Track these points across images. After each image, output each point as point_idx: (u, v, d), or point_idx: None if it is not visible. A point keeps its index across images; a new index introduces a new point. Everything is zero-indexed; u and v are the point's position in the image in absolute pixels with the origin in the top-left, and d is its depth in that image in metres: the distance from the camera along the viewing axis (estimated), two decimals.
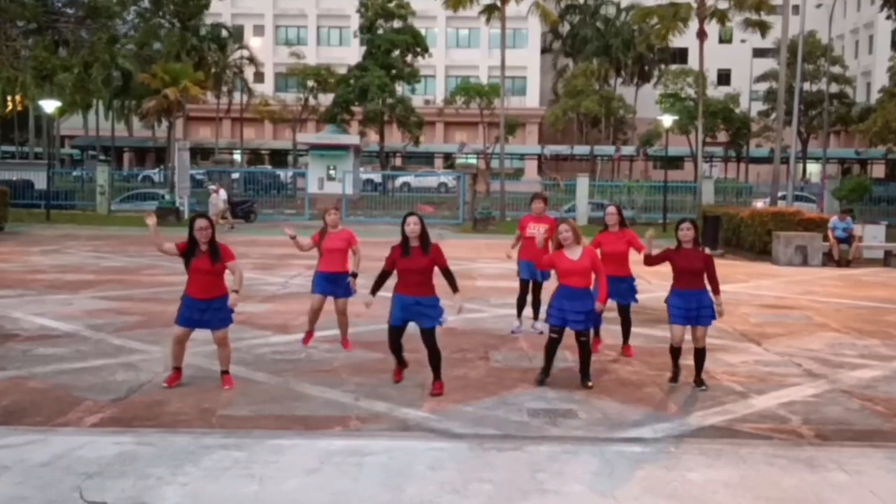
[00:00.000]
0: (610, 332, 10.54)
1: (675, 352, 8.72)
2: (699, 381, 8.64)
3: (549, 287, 9.00)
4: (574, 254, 8.38)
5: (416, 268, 7.98)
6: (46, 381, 8.45)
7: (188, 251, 8.10)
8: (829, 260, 21.57)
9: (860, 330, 12.30)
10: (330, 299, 9.97)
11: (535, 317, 11.37)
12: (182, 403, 7.76)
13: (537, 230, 10.83)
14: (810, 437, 7.23)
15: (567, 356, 9.61)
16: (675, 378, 8.78)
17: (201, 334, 8.60)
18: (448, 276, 8.11)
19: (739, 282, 17.28)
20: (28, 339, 10.44)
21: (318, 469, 6.11)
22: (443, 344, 10.34)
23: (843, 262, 21.47)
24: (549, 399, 8.16)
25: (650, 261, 8.68)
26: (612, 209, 10.08)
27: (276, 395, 8.11)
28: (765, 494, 5.82)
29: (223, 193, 31.96)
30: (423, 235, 8.05)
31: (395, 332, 8.24)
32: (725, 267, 19.49)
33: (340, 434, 7.01)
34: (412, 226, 7.96)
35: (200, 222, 8.10)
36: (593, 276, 8.51)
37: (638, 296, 10.13)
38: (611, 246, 9.79)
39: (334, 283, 9.88)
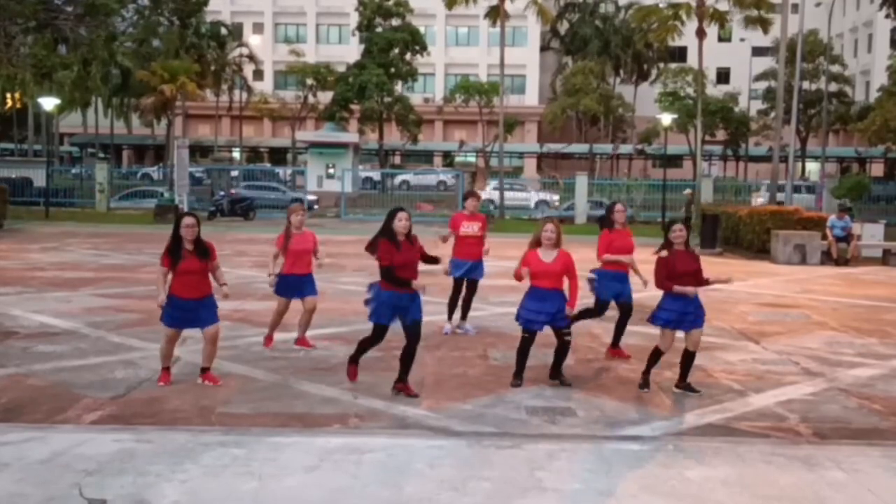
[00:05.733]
0: (610, 330, 10.52)
1: (659, 356, 8.47)
2: (689, 386, 8.42)
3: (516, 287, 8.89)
4: (549, 256, 8.31)
5: (411, 262, 7.98)
6: (46, 379, 8.46)
7: (173, 255, 8.00)
8: (827, 259, 21.57)
9: (858, 329, 12.32)
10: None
11: (464, 317, 11.22)
12: (181, 401, 7.77)
13: (472, 227, 10.89)
14: (808, 435, 7.25)
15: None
16: (646, 384, 8.49)
17: (199, 332, 8.60)
18: (429, 259, 8.24)
19: (738, 280, 17.26)
20: (27, 337, 10.44)
21: (317, 466, 6.13)
22: (441, 342, 10.39)
23: (842, 261, 21.48)
24: (547, 397, 8.18)
25: (668, 284, 8.20)
26: (621, 206, 10.02)
27: (275, 393, 8.12)
28: (762, 493, 5.83)
29: None
30: (410, 231, 8.06)
31: (383, 332, 8.14)
32: (724, 265, 19.51)
33: (339, 431, 7.02)
34: (404, 221, 7.94)
35: (189, 220, 8.06)
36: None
37: (634, 294, 10.13)
38: (623, 241, 9.72)
39: (303, 285, 9.83)
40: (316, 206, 38.72)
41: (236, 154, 66.63)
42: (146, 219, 31.74)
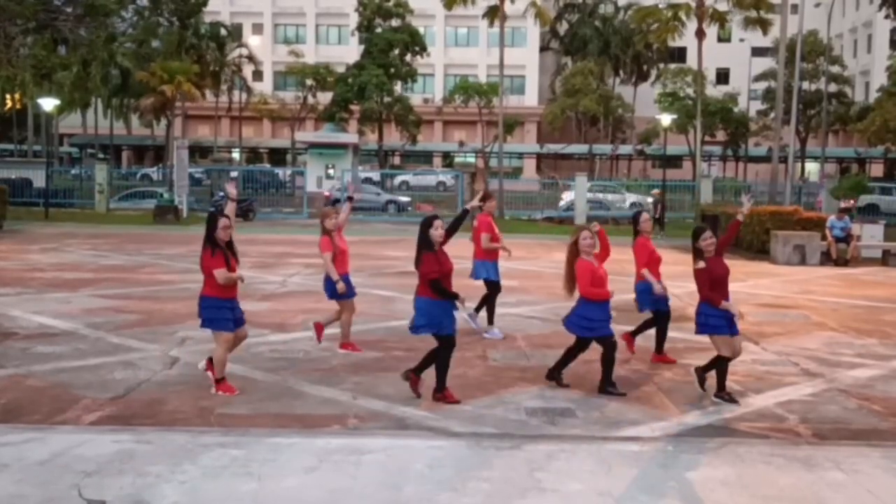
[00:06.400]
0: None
1: (726, 363, 8.22)
2: (704, 384, 8.40)
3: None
4: (595, 261, 8.33)
5: (450, 270, 7.91)
6: (45, 380, 8.46)
7: (225, 256, 7.93)
8: (827, 259, 21.57)
9: (858, 329, 12.31)
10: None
11: (478, 311, 11.23)
12: (180, 402, 7.77)
13: (496, 228, 11.09)
14: (808, 436, 7.25)
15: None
16: (730, 398, 8.22)
17: (198, 333, 8.60)
18: (456, 223, 8.22)
19: (737, 280, 17.27)
20: (27, 338, 10.44)
21: (317, 467, 6.13)
22: None
23: (841, 262, 21.47)
24: (547, 398, 8.18)
25: (716, 297, 8.04)
26: (646, 215, 10.01)
27: (275, 394, 8.12)
28: (762, 493, 5.83)
29: None
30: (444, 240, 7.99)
31: (452, 343, 7.92)
32: None
33: (339, 432, 7.02)
34: (440, 230, 7.82)
35: (224, 221, 7.97)
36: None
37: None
38: (656, 254, 9.72)
39: (349, 284, 9.87)
40: (409, 208, 38.96)
41: (236, 155, 66.62)
42: (146, 219, 31.73)
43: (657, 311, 9.79)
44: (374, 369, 9.13)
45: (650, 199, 35.77)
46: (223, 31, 61.73)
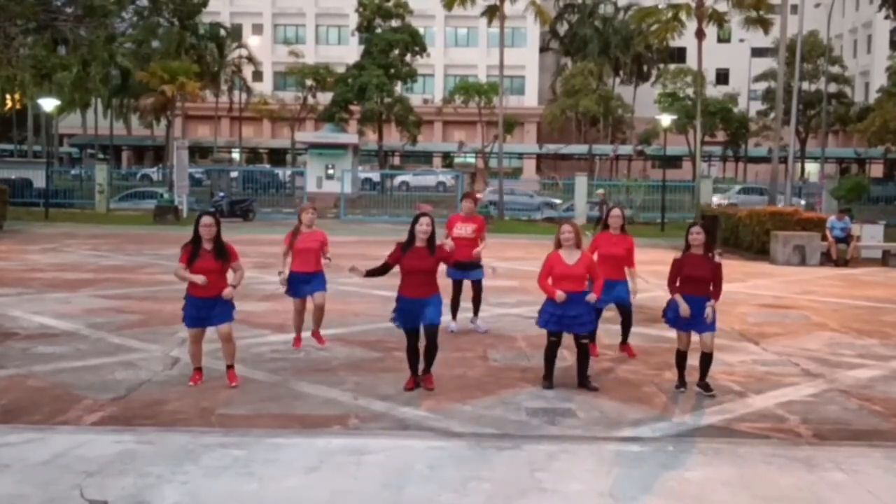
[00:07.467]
0: (609, 332, 10.54)
1: (682, 357, 8.51)
2: (706, 386, 8.41)
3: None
4: (571, 258, 8.34)
5: (421, 268, 8.05)
6: (46, 380, 8.46)
7: (192, 253, 8.07)
8: (827, 259, 21.57)
9: (858, 330, 12.31)
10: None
11: (476, 314, 11.46)
12: (181, 402, 7.78)
13: (465, 230, 11.02)
14: (808, 436, 7.25)
15: (565, 355, 9.63)
16: (682, 384, 8.55)
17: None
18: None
19: (737, 281, 17.28)
20: (27, 338, 10.44)
21: (318, 468, 6.13)
22: (441, 343, 10.37)
23: (841, 262, 21.47)
24: (547, 398, 8.18)
25: (671, 288, 8.44)
26: (617, 211, 9.98)
27: (275, 394, 8.13)
28: (763, 493, 5.83)
29: None
30: (432, 238, 8.13)
31: (412, 337, 8.21)
32: (723, 266, 19.48)
33: (339, 433, 7.02)
34: (424, 226, 8.05)
35: (206, 220, 8.14)
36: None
37: (638, 295, 10.11)
38: (610, 248, 9.66)
39: (310, 283, 9.84)
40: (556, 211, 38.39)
41: (236, 155, 66.63)
42: (146, 220, 31.74)
43: (618, 304, 9.82)
44: (375, 369, 9.13)
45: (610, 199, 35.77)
46: (223, 32, 61.73)
